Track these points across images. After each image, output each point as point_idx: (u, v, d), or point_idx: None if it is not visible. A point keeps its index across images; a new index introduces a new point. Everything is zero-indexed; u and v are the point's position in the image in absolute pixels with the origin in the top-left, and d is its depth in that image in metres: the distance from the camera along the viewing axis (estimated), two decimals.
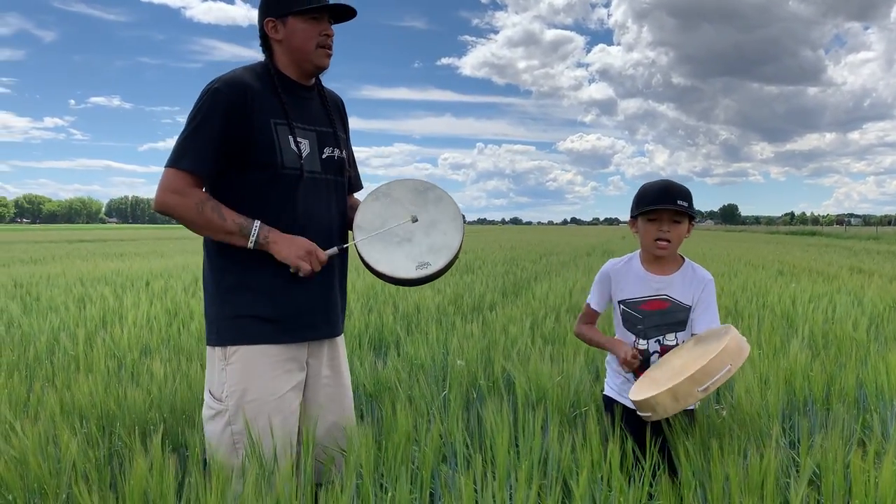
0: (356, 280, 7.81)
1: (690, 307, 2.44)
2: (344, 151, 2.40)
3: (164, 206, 2.10)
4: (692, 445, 2.13)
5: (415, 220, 2.33)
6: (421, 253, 2.27)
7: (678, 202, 2.35)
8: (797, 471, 2.45)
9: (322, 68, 2.29)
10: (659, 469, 2.07)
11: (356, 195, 2.59)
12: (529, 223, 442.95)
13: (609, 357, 2.59)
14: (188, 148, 2.09)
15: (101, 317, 5.52)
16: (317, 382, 2.35)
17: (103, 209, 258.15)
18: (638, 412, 2.20)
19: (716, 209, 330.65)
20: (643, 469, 2.00)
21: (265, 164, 2.15)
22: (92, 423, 2.96)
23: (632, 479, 1.97)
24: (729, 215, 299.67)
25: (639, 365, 2.40)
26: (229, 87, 2.12)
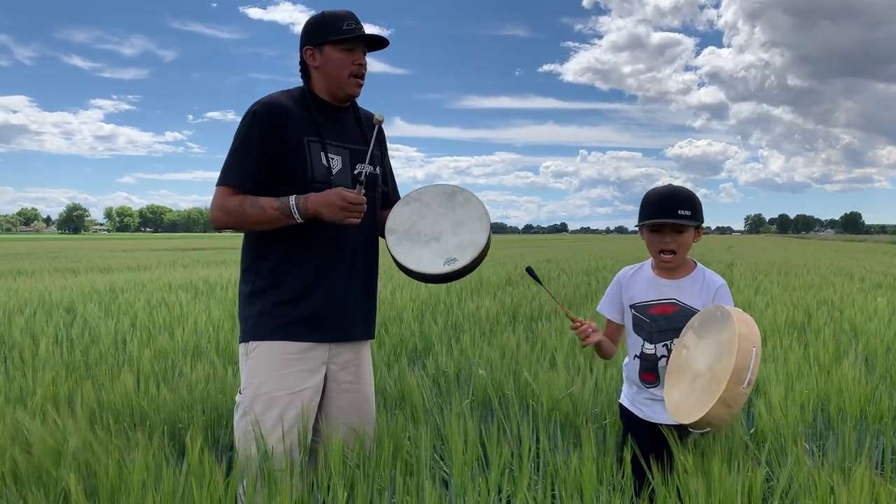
0: (420, 287, 7.90)
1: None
2: (378, 168, 2.53)
3: (213, 220, 2.34)
4: (686, 459, 2.08)
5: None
6: (448, 250, 2.36)
7: (679, 212, 2.31)
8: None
9: (353, 97, 2.45)
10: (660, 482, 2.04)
11: None
12: (635, 232, 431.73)
13: (623, 366, 2.55)
14: (231, 166, 2.31)
15: (166, 321, 5.83)
16: (337, 386, 2.43)
17: None
18: (693, 431, 2.17)
19: (836, 217, 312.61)
20: (646, 481, 1.98)
21: (296, 179, 2.30)
22: (123, 420, 3.15)
23: (619, 491, 1.95)
24: (851, 224, 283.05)
25: (647, 368, 2.38)
26: (266, 109, 2.31)
